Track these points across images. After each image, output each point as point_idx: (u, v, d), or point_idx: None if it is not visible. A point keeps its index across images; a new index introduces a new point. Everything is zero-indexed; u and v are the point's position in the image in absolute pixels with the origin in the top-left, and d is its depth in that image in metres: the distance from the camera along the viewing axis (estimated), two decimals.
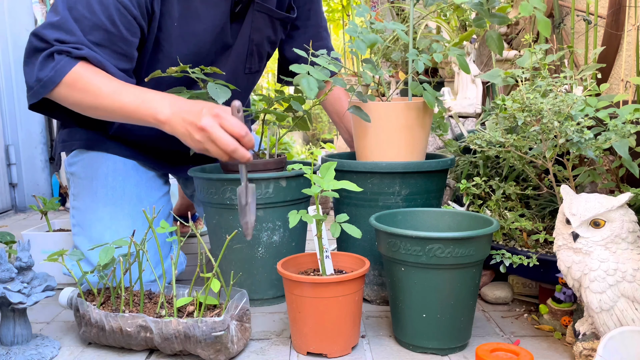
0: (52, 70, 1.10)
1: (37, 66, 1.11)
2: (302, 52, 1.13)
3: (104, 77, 1.12)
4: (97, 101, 1.11)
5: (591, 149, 0.99)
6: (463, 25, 1.92)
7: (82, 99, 1.11)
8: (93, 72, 1.11)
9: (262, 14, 1.35)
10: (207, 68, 1.19)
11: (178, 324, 0.98)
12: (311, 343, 1.01)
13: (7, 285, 0.98)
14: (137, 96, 1.09)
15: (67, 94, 1.12)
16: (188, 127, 1.04)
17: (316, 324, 0.99)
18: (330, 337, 1.00)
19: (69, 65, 1.10)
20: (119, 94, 1.10)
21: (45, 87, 1.11)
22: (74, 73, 1.10)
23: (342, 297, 0.98)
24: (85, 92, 1.10)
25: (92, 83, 1.10)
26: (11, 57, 2.55)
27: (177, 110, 1.06)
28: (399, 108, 1.18)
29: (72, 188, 1.35)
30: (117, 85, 1.11)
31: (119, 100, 1.09)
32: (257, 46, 1.39)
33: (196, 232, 0.98)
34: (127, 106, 1.09)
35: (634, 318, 0.88)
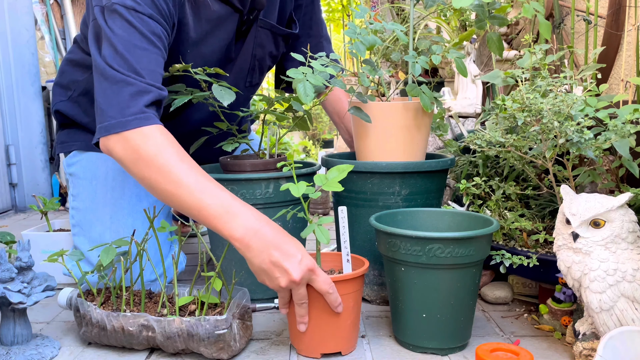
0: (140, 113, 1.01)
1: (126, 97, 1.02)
2: (299, 57, 1.13)
3: (182, 157, 1.00)
4: (171, 188, 0.98)
5: (591, 149, 0.99)
6: (463, 26, 1.92)
7: (152, 176, 0.99)
8: (169, 146, 1.01)
9: (265, 30, 1.36)
10: (210, 69, 1.19)
11: (181, 323, 0.98)
12: (308, 343, 1.00)
13: (7, 285, 0.99)
14: (221, 201, 0.96)
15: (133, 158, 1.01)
16: (273, 267, 0.93)
17: (313, 324, 0.99)
18: (328, 337, 0.99)
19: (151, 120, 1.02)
20: (201, 191, 0.96)
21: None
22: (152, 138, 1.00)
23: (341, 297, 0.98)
24: (158, 170, 0.98)
25: (169, 163, 0.98)
26: (11, 57, 2.55)
27: (264, 241, 0.94)
28: (398, 108, 1.18)
29: (72, 188, 1.36)
30: (197, 175, 0.98)
31: (199, 200, 0.96)
32: (260, 61, 1.40)
33: (197, 231, 0.98)
34: (206, 210, 0.95)
35: (634, 318, 0.88)
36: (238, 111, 1.31)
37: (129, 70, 1.03)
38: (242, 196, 1.20)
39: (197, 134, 1.34)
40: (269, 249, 0.93)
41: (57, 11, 2.87)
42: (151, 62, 1.05)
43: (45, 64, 2.80)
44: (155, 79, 1.05)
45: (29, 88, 2.62)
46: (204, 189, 0.96)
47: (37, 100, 2.65)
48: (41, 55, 2.77)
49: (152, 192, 1.02)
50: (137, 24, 1.05)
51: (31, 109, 2.63)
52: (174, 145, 1.01)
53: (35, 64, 2.65)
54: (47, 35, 2.80)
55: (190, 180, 0.97)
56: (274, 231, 0.95)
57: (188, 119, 1.37)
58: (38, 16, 2.75)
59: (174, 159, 0.99)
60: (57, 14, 2.87)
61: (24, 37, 2.60)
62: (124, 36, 1.04)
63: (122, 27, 1.04)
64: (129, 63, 1.03)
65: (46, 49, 2.80)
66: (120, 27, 1.04)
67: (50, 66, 2.82)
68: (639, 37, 1.36)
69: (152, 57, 1.06)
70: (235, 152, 1.50)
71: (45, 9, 2.79)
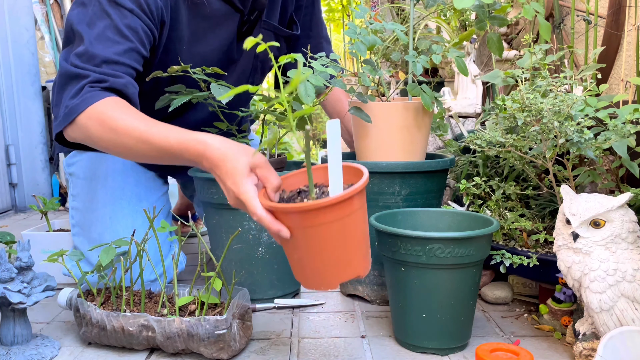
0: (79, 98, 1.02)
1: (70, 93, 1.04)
2: (300, 57, 1.13)
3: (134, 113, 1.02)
4: (130, 139, 0.99)
5: (591, 149, 0.99)
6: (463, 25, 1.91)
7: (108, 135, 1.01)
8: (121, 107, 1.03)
9: (268, 31, 1.36)
10: (208, 69, 1.19)
11: (181, 323, 0.99)
12: (295, 273, 0.89)
13: (7, 285, 0.99)
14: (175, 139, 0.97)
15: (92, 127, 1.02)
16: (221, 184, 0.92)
17: (312, 258, 0.84)
18: (334, 268, 0.85)
19: (98, 96, 1.02)
20: (160, 130, 0.98)
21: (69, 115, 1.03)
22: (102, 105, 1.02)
23: (338, 221, 0.81)
24: (113, 130, 1.00)
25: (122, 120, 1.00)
26: (11, 57, 2.55)
27: (209, 165, 0.93)
28: (398, 108, 1.18)
29: (72, 188, 1.35)
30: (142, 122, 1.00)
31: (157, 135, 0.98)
32: (262, 62, 1.40)
33: (197, 231, 0.98)
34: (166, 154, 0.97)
35: (634, 318, 0.88)
36: (238, 111, 1.31)
37: (87, 62, 1.04)
38: None
39: None
40: (214, 173, 0.92)
41: (57, 11, 2.87)
42: (118, 54, 1.06)
43: (45, 64, 2.80)
44: (117, 70, 1.06)
45: (29, 88, 2.62)
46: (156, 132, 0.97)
47: (37, 100, 2.65)
48: (41, 55, 2.77)
49: (124, 156, 1.06)
50: (114, 16, 1.06)
51: (31, 109, 2.63)
52: (115, 109, 1.01)
53: (35, 64, 2.65)
54: (47, 35, 2.80)
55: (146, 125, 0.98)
56: (217, 151, 0.91)
57: (188, 119, 1.37)
58: (38, 16, 2.75)
59: (116, 116, 1.00)
60: (57, 14, 2.87)
61: (23, 37, 2.60)
62: (99, 26, 1.06)
63: (99, 16, 1.06)
64: (91, 55, 1.04)
65: (46, 49, 2.80)
66: (97, 15, 1.06)
67: (50, 66, 2.82)
68: (639, 37, 1.36)
69: (121, 50, 1.06)
70: None
71: (45, 9, 2.79)
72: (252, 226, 1.22)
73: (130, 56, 1.08)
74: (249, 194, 0.84)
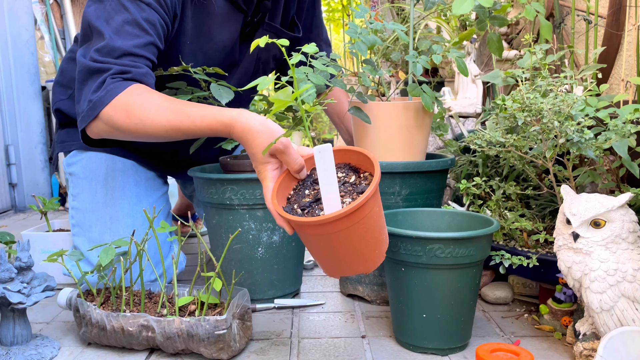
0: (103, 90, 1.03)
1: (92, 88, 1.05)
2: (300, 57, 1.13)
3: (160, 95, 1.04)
4: (163, 118, 1.01)
5: (591, 149, 0.99)
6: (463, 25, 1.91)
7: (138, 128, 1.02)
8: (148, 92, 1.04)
9: (271, 33, 1.37)
10: (209, 68, 1.19)
11: (181, 323, 0.98)
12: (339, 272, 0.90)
13: (7, 285, 0.98)
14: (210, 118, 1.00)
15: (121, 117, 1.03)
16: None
17: (328, 257, 0.86)
18: (351, 264, 0.86)
19: (121, 87, 1.03)
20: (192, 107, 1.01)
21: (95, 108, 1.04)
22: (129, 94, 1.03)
23: (351, 228, 0.80)
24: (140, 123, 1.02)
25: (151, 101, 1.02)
26: (11, 57, 2.54)
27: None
28: (398, 108, 1.18)
29: (72, 188, 1.35)
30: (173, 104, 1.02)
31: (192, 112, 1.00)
32: (264, 64, 1.41)
33: (197, 231, 0.98)
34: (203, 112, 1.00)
35: (634, 318, 0.88)
36: None
37: (107, 56, 1.04)
38: (242, 196, 1.19)
39: None
40: (247, 150, 0.96)
41: (57, 11, 2.87)
42: (137, 47, 1.06)
43: (45, 63, 2.80)
44: (136, 61, 1.06)
45: (29, 88, 2.62)
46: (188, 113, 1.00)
47: (37, 100, 2.65)
48: (41, 55, 2.77)
49: (150, 138, 1.06)
50: (133, 10, 1.06)
51: (31, 109, 2.63)
52: (139, 94, 1.02)
53: (35, 64, 2.65)
54: (47, 35, 2.80)
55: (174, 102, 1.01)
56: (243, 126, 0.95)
57: None
58: (38, 16, 2.75)
59: (141, 101, 1.01)
60: (57, 13, 2.87)
61: (23, 37, 2.60)
62: (116, 20, 1.06)
63: (117, 10, 1.06)
64: (111, 48, 1.04)
65: (46, 48, 2.80)
66: (115, 10, 1.06)
67: (50, 66, 2.81)
68: (639, 37, 1.35)
69: (140, 43, 1.07)
70: (235, 152, 1.50)
71: (45, 9, 2.79)
72: (252, 226, 1.22)
73: (149, 49, 1.09)
74: (267, 181, 0.90)
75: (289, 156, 0.89)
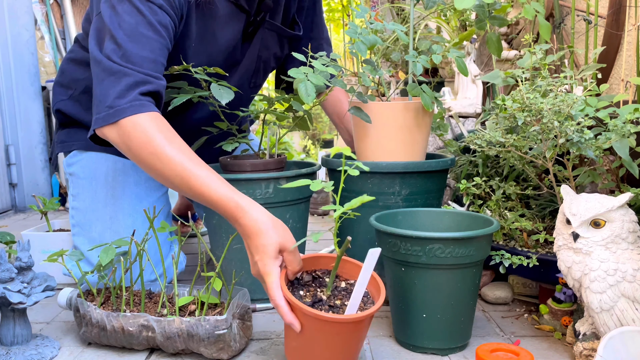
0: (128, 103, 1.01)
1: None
2: (301, 56, 1.13)
3: (171, 141, 1.01)
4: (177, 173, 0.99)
5: (591, 149, 0.99)
6: (463, 25, 1.91)
7: (152, 161, 1.00)
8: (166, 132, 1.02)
9: (272, 32, 1.37)
10: (210, 69, 1.19)
11: (181, 323, 0.98)
12: (286, 351, 0.96)
13: (7, 285, 0.98)
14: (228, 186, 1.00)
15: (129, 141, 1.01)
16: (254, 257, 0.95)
17: (309, 354, 0.92)
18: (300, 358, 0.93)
19: (147, 108, 1.02)
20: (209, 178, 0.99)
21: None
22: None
23: (347, 334, 0.90)
24: (151, 155, 1.00)
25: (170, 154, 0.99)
26: (11, 57, 2.54)
27: (243, 232, 0.96)
28: (398, 108, 1.18)
29: (72, 188, 1.35)
30: (185, 157, 1.00)
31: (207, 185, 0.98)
32: (265, 63, 1.41)
33: (197, 231, 0.98)
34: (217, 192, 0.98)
35: (634, 318, 0.88)
36: (238, 111, 1.31)
37: (128, 61, 1.03)
38: None
39: (198, 134, 1.34)
40: (246, 241, 0.96)
41: (57, 11, 2.87)
42: (154, 52, 1.06)
43: (45, 64, 2.80)
44: (156, 70, 1.06)
45: (29, 88, 2.62)
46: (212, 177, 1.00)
47: (37, 100, 2.65)
48: (41, 55, 2.77)
49: (151, 174, 1.05)
50: (146, 13, 1.06)
51: (31, 109, 2.63)
52: (163, 130, 1.02)
53: (35, 64, 2.65)
54: (47, 35, 2.80)
55: (182, 163, 1.00)
56: (253, 223, 0.95)
57: (188, 118, 1.37)
58: (38, 16, 2.75)
59: (164, 143, 1.00)
60: (57, 14, 2.87)
61: (23, 37, 2.60)
62: (131, 23, 1.05)
63: (130, 13, 1.06)
64: (130, 53, 1.04)
65: (46, 48, 2.80)
66: (128, 13, 1.06)
67: (50, 66, 2.81)
68: (639, 37, 1.35)
69: (156, 47, 1.07)
70: (235, 152, 1.50)
71: (45, 9, 2.79)
72: None
73: (163, 53, 1.09)
74: (273, 277, 0.91)
75: (295, 255, 0.93)
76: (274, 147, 1.35)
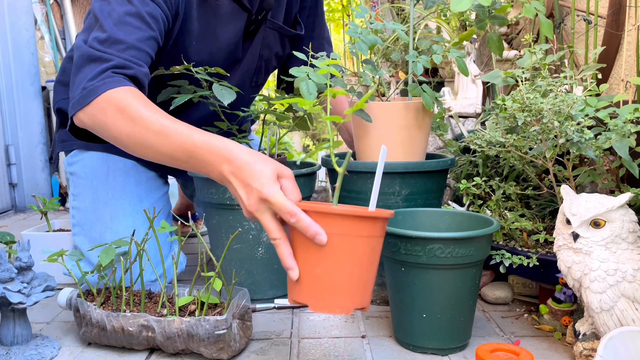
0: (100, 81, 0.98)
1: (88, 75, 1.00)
2: (302, 55, 1.13)
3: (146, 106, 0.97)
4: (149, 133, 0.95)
5: (591, 149, 0.99)
6: (463, 25, 1.91)
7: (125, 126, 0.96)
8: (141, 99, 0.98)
9: (273, 31, 1.37)
10: (211, 68, 1.19)
11: (181, 323, 0.98)
12: (299, 291, 0.83)
13: (7, 285, 0.98)
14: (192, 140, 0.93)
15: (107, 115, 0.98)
16: (235, 195, 0.87)
17: (337, 271, 0.80)
18: (326, 287, 0.81)
19: (120, 82, 0.99)
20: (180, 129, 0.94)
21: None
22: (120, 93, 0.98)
23: (372, 239, 0.80)
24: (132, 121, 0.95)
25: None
26: (11, 57, 2.55)
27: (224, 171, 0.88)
28: (398, 108, 1.18)
29: (72, 188, 1.35)
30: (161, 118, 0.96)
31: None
32: (266, 62, 1.41)
33: (197, 231, 0.98)
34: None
35: (634, 318, 0.88)
36: (239, 111, 1.31)
37: (110, 47, 1.02)
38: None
39: None
40: (234, 178, 0.86)
41: (57, 11, 2.87)
42: (140, 41, 1.05)
43: (45, 64, 2.80)
44: (139, 58, 1.04)
45: (29, 88, 2.62)
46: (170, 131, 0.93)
47: (37, 100, 2.65)
48: (41, 55, 2.77)
49: (132, 149, 0.99)
50: (137, 3, 1.06)
51: (31, 109, 2.63)
52: (138, 98, 0.98)
53: (35, 64, 2.65)
54: (47, 35, 2.80)
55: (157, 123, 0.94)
56: (245, 156, 0.86)
57: (189, 118, 1.36)
58: (38, 16, 2.75)
59: (139, 107, 0.96)
60: (57, 14, 2.87)
61: (23, 37, 2.60)
62: (120, 12, 1.04)
63: (121, 3, 1.05)
64: (114, 39, 1.02)
65: (46, 49, 2.80)
66: (119, 3, 1.05)
67: (50, 66, 2.81)
68: (639, 37, 1.35)
69: (143, 36, 1.06)
70: None
71: (45, 9, 2.79)
72: (252, 226, 1.22)
73: (150, 44, 1.07)
74: (278, 195, 0.80)
75: (294, 184, 0.84)
76: (274, 147, 1.35)
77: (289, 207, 0.79)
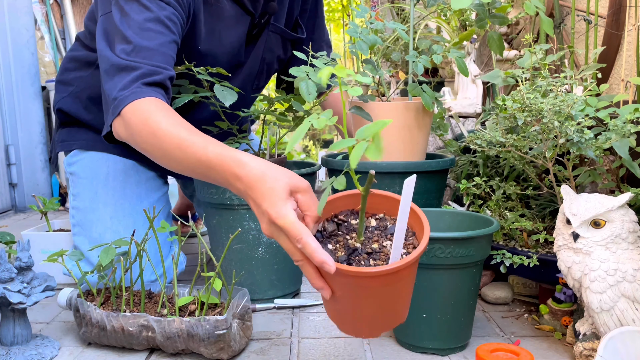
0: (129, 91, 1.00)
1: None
2: (303, 55, 1.13)
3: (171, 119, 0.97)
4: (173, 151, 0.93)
5: (591, 149, 0.99)
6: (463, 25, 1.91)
7: (149, 144, 0.97)
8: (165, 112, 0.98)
9: (276, 34, 1.37)
10: (212, 69, 1.19)
11: (181, 323, 0.98)
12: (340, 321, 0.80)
13: (7, 285, 0.98)
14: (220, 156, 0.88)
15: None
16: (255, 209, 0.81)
17: (355, 313, 0.77)
18: (378, 323, 0.78)
19: (145, 93, 1.00)
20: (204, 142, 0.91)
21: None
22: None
23: (392, 285, 0.73)
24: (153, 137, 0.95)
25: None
26: (11, 57, 2.54)
27: (243, 189, 0.82)
28: (398, 108, 1.18)
29: (72, 188, 1.35)
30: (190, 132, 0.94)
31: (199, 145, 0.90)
32: (268, 65, 1.41)
33: (197, 231, 0.98)
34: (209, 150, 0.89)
35: (634, 318, 0.88)
36: (240, 111, 1.31)
37: (137, 55, 1.04)
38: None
39: None
40: (248, 197, 0.81)
41: (57, 11, 2.87)
42: (163, 45, 1.07)
43: (45, 64, 2.80)
44: (165, 62, 1.06)
45: (29, 88, 2.62)
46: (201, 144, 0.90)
47: (37, 100, 2.65)
48: (41, 55, 2.77)
49: (159, 161, 0.98)
50: (154, 9, 1.07)
51: (31, 109, 2.63)
52: (161, 109, 0.98)
53: (35, 64, 2.65)
54: (47, 35, 2.80)
55: (189, 138, 0.92)
56: (255, 170, 0.80)
57: (190, 118, 1.36)
58: (38, 16, 2.75)
59: (159, 119, 0.95)
60: (57, 14, 2.87)
61: (23, 37, 2.60)
62: (139, 20, 1.06)
63: (138, 12, 1.07)
64: (139, 48, 1.04)
65: (46, 48, 2.80)
66: (137, 12, 1.07)
67: (50, 66, 2.81)
68: (639, 37, 1.35)
69: (165, 40, 1.07)
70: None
71: (45, 9, 2.79)
72: (252, 226, 1.22)
73: (172, 47, 1.09)
74: (289, 217, 0.72)
75: (312, 197, 0.76)
76: (274, 147, 1.35)
77: (293, 231, 0.71)
